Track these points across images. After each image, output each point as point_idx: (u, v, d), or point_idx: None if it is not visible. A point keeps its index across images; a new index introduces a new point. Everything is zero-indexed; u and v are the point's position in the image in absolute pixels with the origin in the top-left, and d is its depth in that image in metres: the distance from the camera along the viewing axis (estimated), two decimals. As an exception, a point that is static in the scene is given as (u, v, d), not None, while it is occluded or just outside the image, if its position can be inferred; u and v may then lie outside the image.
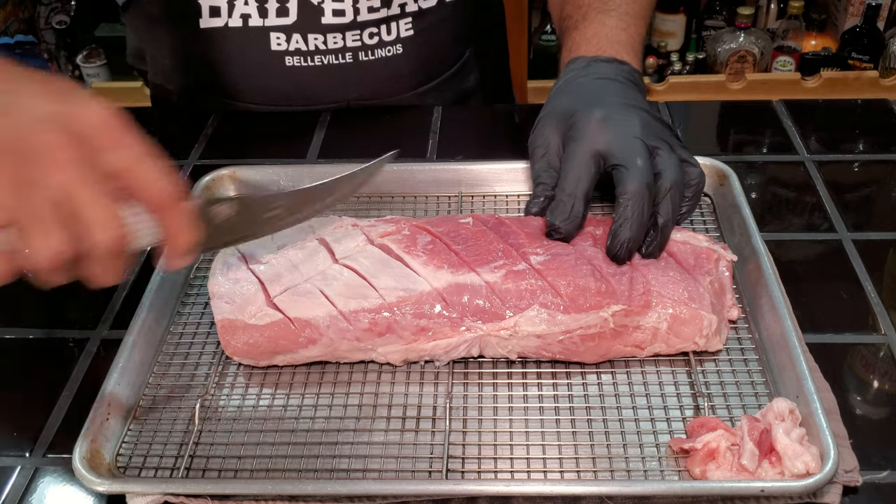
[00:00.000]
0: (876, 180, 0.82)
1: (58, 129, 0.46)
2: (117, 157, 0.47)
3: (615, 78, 0.69)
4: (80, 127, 0.46)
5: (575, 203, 0.63)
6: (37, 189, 0.45)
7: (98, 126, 0.47)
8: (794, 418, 0.54)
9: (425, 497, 0.52)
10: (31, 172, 0.45)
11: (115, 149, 0.47)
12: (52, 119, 0.46)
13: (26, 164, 0.45)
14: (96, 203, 0.46)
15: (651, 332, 0.59)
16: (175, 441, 0.57)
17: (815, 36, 1.94)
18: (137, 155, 0.48)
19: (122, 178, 0.47)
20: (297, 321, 0.60)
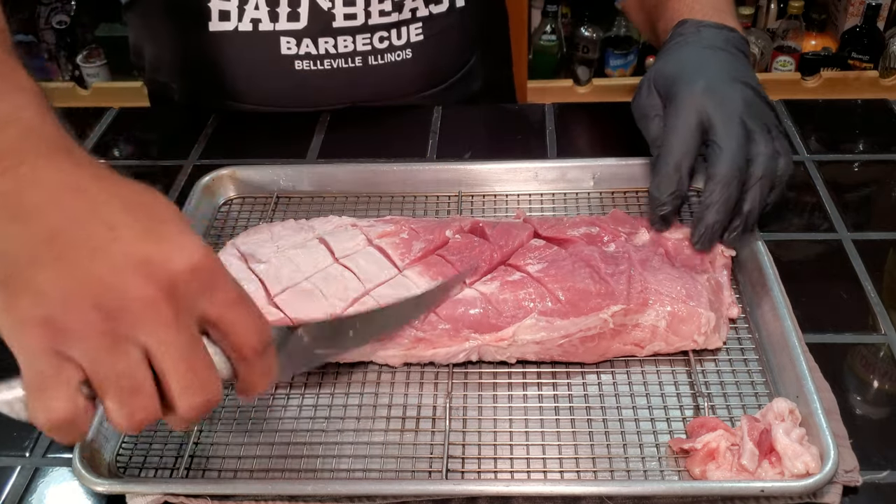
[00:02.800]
0: (876, 180, 0.81)
1: (151, 280, 0.40)
2: (210, 305, 0.42)
3: (724, 47, 0.68)
4: (175, 273, 0.41)
5: (682, 178, 0.63)
6: (122, 348, 0.40)
7: (193, 271, 0.41)
8: (794, 418, 0.54)
9: (425, 497, 0.52)
10: (119, 328, 0.40)
11: (208, 295, 0.42)
12: (144, 266, 0.40)
13: (115, 320, 0.40)
14: (186, 367, 0.41)
15: (650, 330, 0.59)
16: (175, 441, 0.57)
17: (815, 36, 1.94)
18: (230, 301, 0.43)
19: (213, 325, 0.43)
20: (298, 322, 0.60)
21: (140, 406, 0.41)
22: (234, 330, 0.43)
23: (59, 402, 0.40)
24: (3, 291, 0.40)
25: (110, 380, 0.40)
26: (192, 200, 0.74)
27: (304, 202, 0.78)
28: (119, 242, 0.41)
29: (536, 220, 0.69)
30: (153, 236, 0.41)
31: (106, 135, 0.93)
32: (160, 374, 0.41)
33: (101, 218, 0.41)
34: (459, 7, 0.92)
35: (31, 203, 0.41)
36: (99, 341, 0.40)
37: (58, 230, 0.41)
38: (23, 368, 0.40)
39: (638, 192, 0.76)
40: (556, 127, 0.89)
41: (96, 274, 0.40)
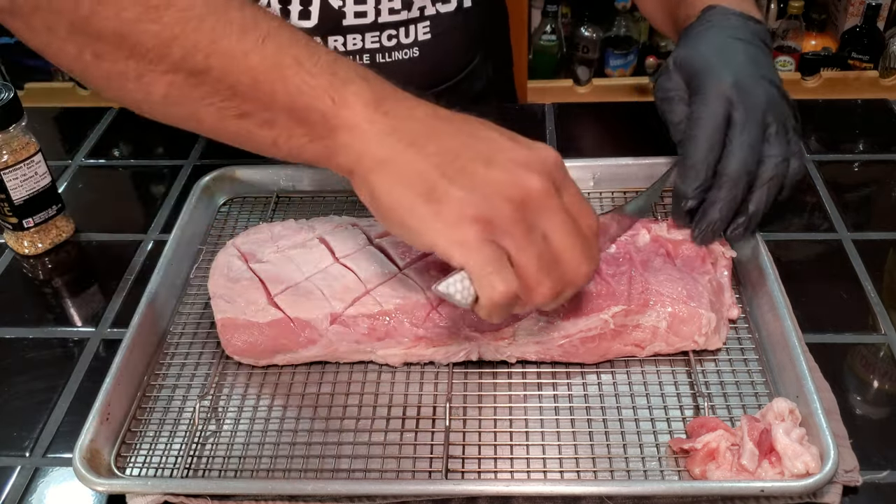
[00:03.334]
0: (876, 180, 0.82)
1: (539, 174, 0.48)
2: (568, 194, 0.50)
3: (750, 40, 0.68)
4: (549, 169, 0.49)
5: (707, 172, 0.63)
6: (535, 232, 0.48)
7: (557, 166, 0.50)
8: (794, 418, 0.54)
9: (425, 497, 0.52)
10: (529, 217, 0.48)
11: (566, 188, 0.50)
12: (529, 164, 0.49)
13: (524, 209, 0.48)
14: (579, 242, 0.49)
15: (650, 331, 0.59)
16: (175, 441, 0.57)
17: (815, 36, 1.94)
18: (577, 193, 0.51)
19: (570, 211, 0.50)
20: (298, 321, 0.60)
21: (557, 278, 0.49)
22: (582, 214, 0.50)
23: (505, 281, 0.48)
24: (428, 204, 0.48)
25: (533, 259, 0.48)
26: (192, 200, 0.74)
27: (304, 202, 0.78)
28: (503, 151, 0.49)
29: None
30: (522, 145, 0.50)
31: (106, 135, 0.93)
32: (558, 251, 0.49)
33: (480, 136, 0.50)
34: (466, 7, 0.92)
35: (420, 134, 0.49)
36: (519, 228, 0.48)
37: (450, 149, 0.49)
38: (466, 260, 0.47)
39: (638, 193, 0.76)
40: (556, 127, 0.89)
41: (497, 177, 0.48)
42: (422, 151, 0.48)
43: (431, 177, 0.48)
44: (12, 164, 0.72)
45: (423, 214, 0.48)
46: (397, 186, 0.48)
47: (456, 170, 0.48)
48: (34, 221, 0.75)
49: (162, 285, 0.66)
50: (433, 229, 0.48)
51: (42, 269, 0.75)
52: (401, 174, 0.48)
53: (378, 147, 0.49)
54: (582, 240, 0.50)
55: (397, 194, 0.49)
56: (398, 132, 0.49)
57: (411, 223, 0.48)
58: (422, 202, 0.48)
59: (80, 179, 0.86)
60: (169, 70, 0.49)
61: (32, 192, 0.74)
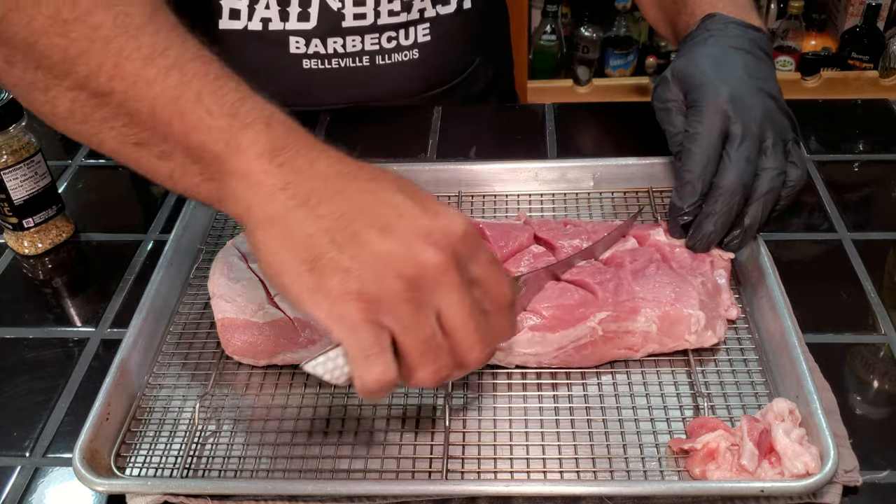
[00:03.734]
0: (876, 180, 0.82)
1: (439, 249, 0.44)
2: (476, 265, 0.46)
3: (749, 49, 0.68)
4: (453, 242, 0.45)
5: (703, 187, 0.63)
6: (424, 312, 0.45)
7: (464, 238, 0.46)
8: (793, 418, 0.54)
9: (425, 497, 0.52)
10: (419, 295, 0.44)
11: (475, 257, 0.46)
12: (429, 235, 0.45)
13: (416, 288, 0.44)
14: (474, 325, 0.46)
15: (641, 335, 0.59)
16: (175, 441, 0.57)
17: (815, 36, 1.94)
18: (489, 261, 0.47)
19: (478, 283, 0.47)
20: (298, 321, 0.60)
21: (444, 363, 0.46)
22: (494, 285, 0.47)
23: (383, 367, 0.45)
24: (311, 274, 0.44)
25: (419, 343, 0.45)
26: (192, 201, 0.74)
27: (304, 202, 0.78)
28: (404, 219, 0.45)
29: (537, 222, 0.69)
30: (429, 212, 0.46)
31: (106, 135, 0.93)
32: (451, 333, 0.46)
33: (383, 200, 0.46)
34: (466, 9, 0.92)
35: (315, 192, 0.45)
36: (406, 308, 0.44)
37: (346, 213, 0.45)
38: (344, 339, 0.45)
39: (637, 193, 0.76)
40: (556, 127, 0.89)
41: (390, 248, 0.44)
42: (313, 212, 0.45)
43: (319, 242, 0.44)
44: (12, 164, 0.72)
45: (307, 283, 0.44)
46: (282, 249, 0.45)
47: (347, 237, 0.44)
48: (34, 221, 0.75)
49: (162, 285, 0.66)
50: (315, 301, 0.44)
51: (42, 269, 0.75)
52: (287, 236, 0.45)
53: (267, 202, 0.45)
54: (479, 321, 0.46)
55: (282, 257, 0.45)
56: (291, 188, 0.45)
57: (294, 290, 0.45)
58: (306, 270, 0.44)
59: (80, 179, 0.86)
60: (73, 87, 0.48)
61: (32, 192, 0.74)
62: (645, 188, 0.76)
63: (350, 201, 0.45)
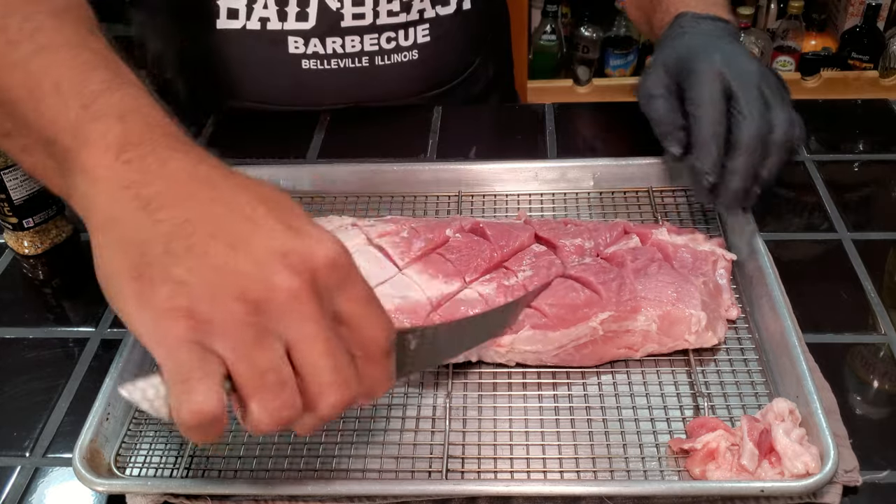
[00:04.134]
0: (876, 180, 0.82)
1: (294, 272, 0.39)
2: (345, 300, 0.41)
3: (722, 37, 0.70)
4: (314, 267, 0.40)
5: (719, 146, 0.63)
6: (267, 342, 0.39)
7: (332, 265, 0.40)
8: (793, 418, 0.54)
9: (425, 497, 0.52)
10: (263, 321, 0.39)
11: (344, 290, 0.41)
12: (287, 256, 0.39)
13: (260, 313, 0.39)
14: (331, 365, 0.40)
15: (641, 334, 0.59)
16: (175, 441, 0.57)
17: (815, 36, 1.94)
18: (362, 298, 0.42)
19: (345, 321, 0.42)
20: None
21: (285, 403, 0.40)
22: (366, 326, 0.42)
23: (203, 396, 0.38)
24: (138, 283, 0.39)
25: (256, 375, 0.39)
26: (192, 200, 0.74)
27: (304, 202, 0.78)
28: (259, 235, 0.40)
29: (537, 221, 0.69)
30: (292, 230, 0.40)
31: (106, 135, 0.93)
32: (301, 370, 0.40)
33: (238, 210, 0.41)
34: (465, 9, 0.92)
35: (160, 194, 0.40)
36: (244, 334, 0.38)
37: (191, 221, 0.40)
38: (162, 361, 0.38)
39: (637, 193, 0.76)
40: (556, 127, 0.89)
41: (238, 265, 0.39)
42: (152, 216, 0.40)
43: (152, 250, 0.39)
44: (12, 164, 0.72)
45: (131, 293, 0.39)
46: (115, 255, 0.40)
47: (186, 246, 0.39)
48: (34, 221, 0.75)
49: (162, 285, 0.66)
50: (137, 315, 0.39)
51: (42, 269, 0.75)
52: (122, 240, 0.40)
53: (108, 202, 0.41)
54: (338, 360, 0.40)
55: (113, 264, 0.40)
56: (135, 188, 0.40)
57: (118, 301, 0.40)
58: (132, 279, 0.39)
59: (80, 179, 0.86)
60: None
61: (32, 192, 0.74)
62: (645, 188, 0.76)
63: (199, 208, 0.40)
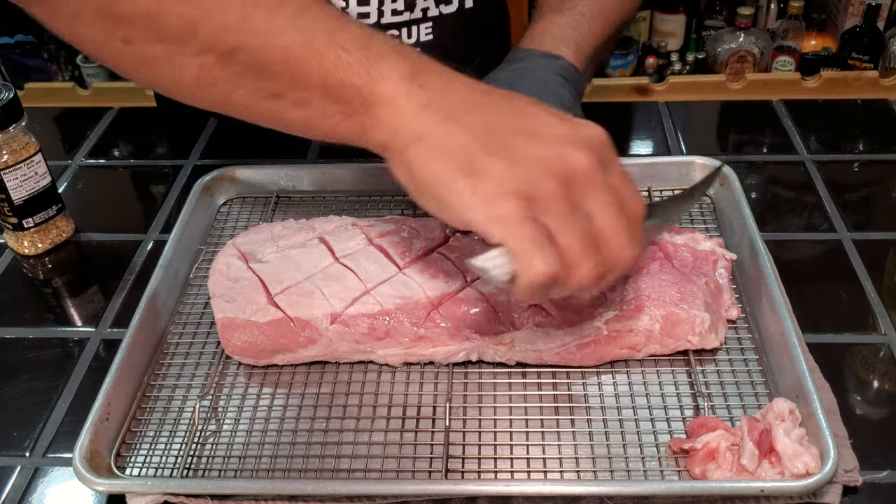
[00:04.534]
0: (876, 180, 0.82)
1: (584, 152, 0.46)
2: (614, 173, 0.48)
3: (539, 75, 0.72)
4: (597, 146, 0.47)
5: None
6: (578, 211, 0.46)
7: (604, 143, 0.48)
8: (794, 418, 0.54)
9: (425, 497, 0.52)
10: (572, 194, 0.46)
11: (612, 165, 0.48)
12: (575, 140, 0.46)
13: (569, 187, 0.45)
14: (623, 224, 0.47)
15: (644, 334, 0.59)
16: (175, 441, 0.57)
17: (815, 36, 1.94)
18: (623, 172, 0.49)
19: (616, 192, 0.47)
20: (298, 321, 0.60)
21: (600, 260, 0.47)
22: (629, 195, 0.48)
23: (547, 262, 0.45)
24: (470, 177, 0.45)
25: (578, 238, 0.46)
26: (192, 200, 0.74)
27: (304, 202, 0.78)
28: (548, 127, 0.47)
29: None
30: (567, 121, 0.48)
31: (106, 135, 0.93)
32: (602, 232, 0.47)
33: (522, 111, 0.48)
34: (468, 7, 0.92)
35: (456, 105, 0.48)
36: (562, 206, 0.45)
37: (491, 122, 0.47)
38: (506, 236, 0.45)
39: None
40: (556, 127, 0.89)
41: (541, 152, 0.46)
42: (461, 124, 0.47)
43: (471, 150, 0.46)
44: (12, 164, 0.72)
45: (461, 189, 0.46)
46: (435, 161, 0.47)
47: (497, 143, 0.46)
48: (34, 221, 0.75)
49: (162, 285, 0.66)
50: (471, 204, 0.46)
51: (42, 269, 0.75)
52: (438, 148, 0.47)
53: (415, 121, 0.47)
54: (627, 222, 0.47)
55: (435, 168, 0.47)
56: (435, 105, 0.47)
57: (448, 198, 0.46)
58: (460, 176, 0.46)
59: (80, 179, 0.86)
60: (199, 51, 0.48)
61: (32, 192, 0.74)
62: (645, 188, 0.76)
63: (492, 112, 0.48)
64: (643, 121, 0.89)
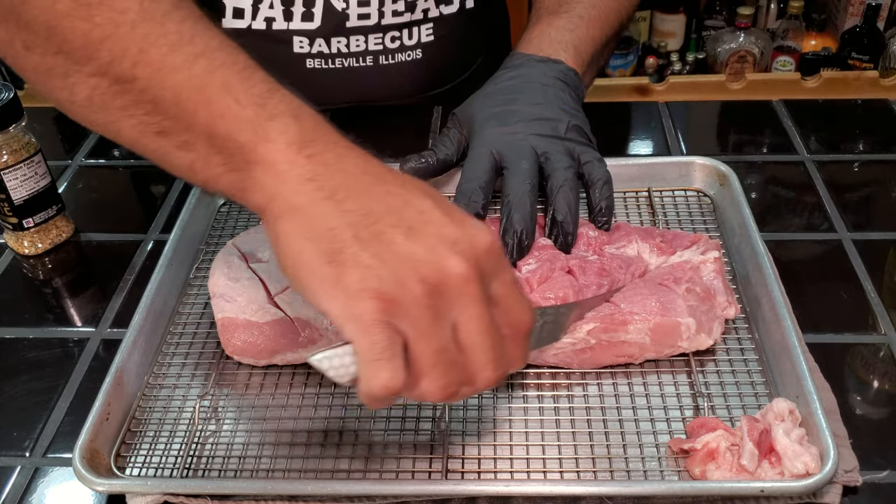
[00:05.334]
0: (876, 180, 0.82)
1: (463, 258, 0.43)
2: (499, 284, 0.45)
3: (538, 81, 0.72)
4: (479, 254, 0.44)
5: (473, 188, 0.66)
6: (442, 322, 0.43)
7: (490, 253, 0.44)
8: (793, 418, 0.54)
9: (425, 497, 0.52)
10: (440, 305, 0.43)
11: (498, 274, 0.45)
12: (456, 244, 0.43)
13: (437, 295, 0.42)
14: (489, 342, 0.44)
15: (637, 346, 0.59)
16: (175, 441, 0.57)
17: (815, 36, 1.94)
18: (511, 281, 0.46)
19: (497, 303, 0.45)
20: (298, 321, 0.60)
21: (454, 379, 0.44)
22: (514, 308, 0.46)
23: (392, 372, 0.42)
24: (331, 266, 0.43)
25: (433, 351, 0.43)
26: (192, 200, 0.74)
27: (304, 202, 0.78)
28: (430, 224, 0.44)
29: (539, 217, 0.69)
30: (454, 222, 0.44)
31: (106, 135, 0.93)
32: (465, 348, 0.44)
33: (410, 203, 0.45)
34: (469, 9, 0.92)
35: (341, 186, 0.44)
36: (424, 314, 0.42)
37: (371, 210, 0.44)
38: (357, 339, 0.43)
39: (637, 193, 0.76)
40: (556, 127, 0.89)
41: (414, 252, 0.43)
42: (339, 206, 0.44)
43: (342, 236, 0.43)
44: (12, 164, 0.72)
45: (324, 276, 0.43)
46: (303, 240, 0.44)
47: (371, 234, 0.43)
48: (34, 221, 0.75)
49: (162, 285, 0.66)
50: (330, 295, 0.43)
51: (42, 269, 0.75)
52: (310, 227, 0.44)
53: (293, 192, 0.44)
54: (495, 339, 0.44)
55: (301, 248, 0.44)
56: (319, 180, 0.45)
57: (310, 283, 0.44)
58: (325, 262, 0.43)
59: (80, 179, 0.86)
60: (95, 73, 0.46)
61: (32, 192, 0.74)
62: (645, 188, 0.76)
63: (377, 200, 0.45)
64: (643, 121, 0.89)
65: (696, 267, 0.64)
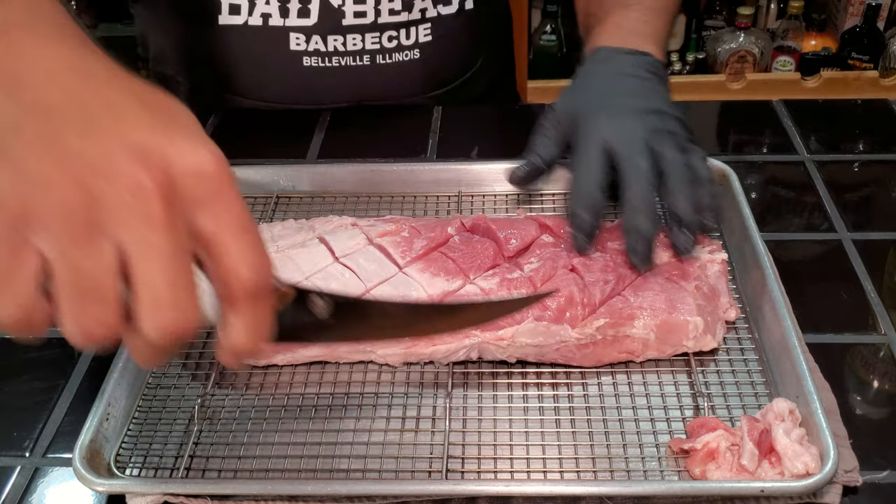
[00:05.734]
0: (876, 180, 0.82)
1: (146, 169, 0.35)
2: (208, 219, 0.36)
3: (634, 73, 0.70)
4: (177, 171, 0.36)
5: (592, 190, 0.63)
6: (95, 241, 0.34)
7: (198, 175, 0.36)
8: (793, 418, 0.54)
9: (425, 497, 0.52)
10: (97, 216, 0.34)
11: (210, 208, 0.36)
12: (143, 153, 0.35)
13: (95, 207, 0.34)
14: (169, 280, 0.35)
15: (641, 342, 0.59)
16: (175, 441, 0.57)
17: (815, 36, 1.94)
18: (232, 222, 0.37)
19: (206, 244, 0.36)
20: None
21: (98, 317, 0.35)
22: (229, 256, 0.36)
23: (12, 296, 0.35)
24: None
25: (70, 277, 0.34)
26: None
27: (304, 202, 0.78)
28: (119, 126, 0.36)
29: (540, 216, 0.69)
30: (161, 130, 0.36)
31: (106, 135, 0.93)
32: (132, 281, 0.35)
33: (104, 100, 0.37)
34: (468, 9, 0.92)
35: (25, 74, 0.37)
36: (69, 227, 0.34)
37: (51, 105, 0.36)
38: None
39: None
40: (556, 127, 0.89)
41: (84, 152, 0.35)
42: (11, 96, 0.36)
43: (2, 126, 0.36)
44: (12, 164, 0.72)
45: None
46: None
47: (34, 130, 0.35)
48: (34, 221, 0.75)
49: (162, 285, 0.66)
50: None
51: (42, 269, 0.75)
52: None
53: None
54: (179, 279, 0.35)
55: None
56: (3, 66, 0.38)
57: None
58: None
59: (79, 179, 0.86)
60: None
61: (32, 191, 0.73)
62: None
63: (62, 92, 0.37)
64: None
65: (704, 265, 0.64)
